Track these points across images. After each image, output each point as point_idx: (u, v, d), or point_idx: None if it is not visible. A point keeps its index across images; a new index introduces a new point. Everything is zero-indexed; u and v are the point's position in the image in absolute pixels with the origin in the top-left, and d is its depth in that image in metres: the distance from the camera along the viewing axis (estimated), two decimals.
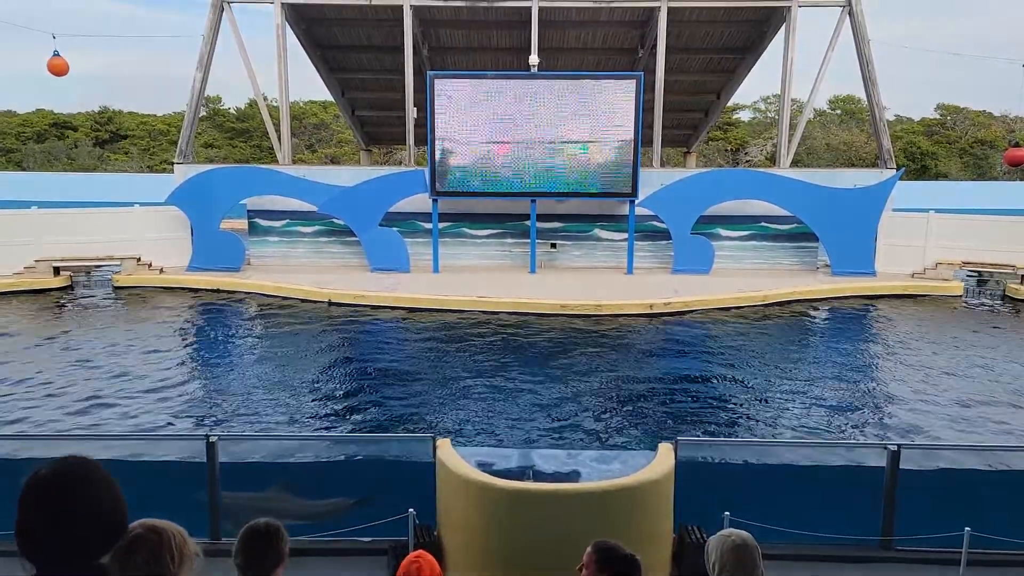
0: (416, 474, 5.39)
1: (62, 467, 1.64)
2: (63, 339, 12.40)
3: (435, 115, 17.09)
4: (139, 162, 56.13)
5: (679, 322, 14.11)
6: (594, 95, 17.06)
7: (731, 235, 18.66)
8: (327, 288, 15.60)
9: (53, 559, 1.60)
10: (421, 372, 10.85)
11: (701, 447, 6.40)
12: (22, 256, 16.63)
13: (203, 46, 18.84)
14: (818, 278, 17.58)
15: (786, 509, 5.00)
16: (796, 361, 11.73)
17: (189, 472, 5.48)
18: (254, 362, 11.51)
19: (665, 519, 4.95)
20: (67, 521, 1.60)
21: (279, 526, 2.55)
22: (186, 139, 19.07)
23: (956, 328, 14.09)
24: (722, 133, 55.17)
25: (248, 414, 8.93)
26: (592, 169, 17.34)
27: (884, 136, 19.02)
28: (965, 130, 57.74)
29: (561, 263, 18.95)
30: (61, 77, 18.11)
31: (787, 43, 19.05)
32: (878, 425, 8.82)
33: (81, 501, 1.62)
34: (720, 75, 24.94)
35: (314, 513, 5.59)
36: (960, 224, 18.27)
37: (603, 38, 23.24)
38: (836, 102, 61.76)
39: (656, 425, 8.79)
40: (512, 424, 8.67)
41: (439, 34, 23.23)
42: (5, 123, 59.25)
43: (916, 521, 5.08)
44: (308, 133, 56.68)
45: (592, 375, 10.63)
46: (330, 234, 18.75)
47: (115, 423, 8.46)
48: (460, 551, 4.85)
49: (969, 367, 11.25)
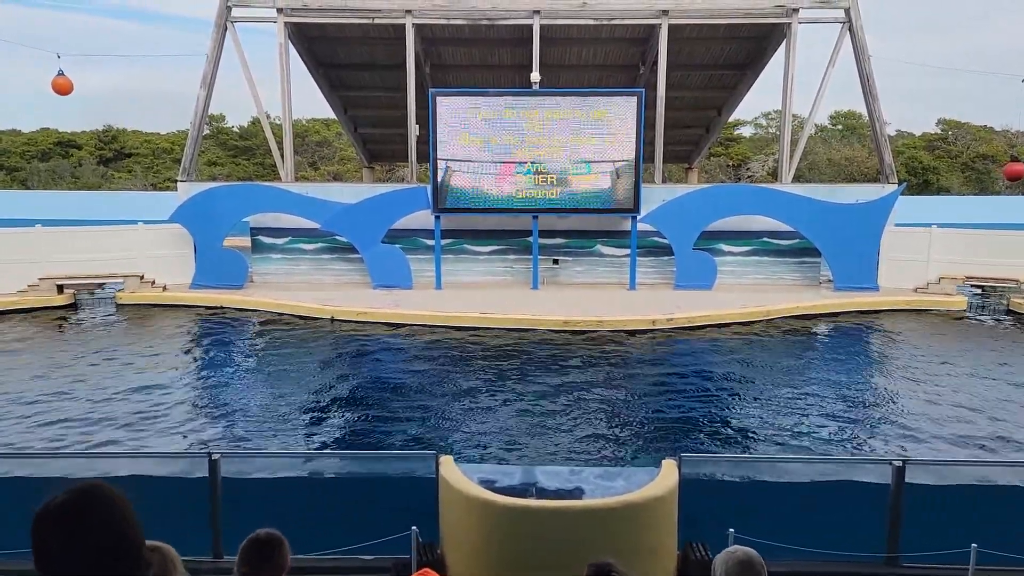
0: (418, 491, 5.36)
1: (83, 490, 1.63)
2: (66, 356, 12.39)
3: (437, 132, 17.16)
4: (143, 180, 56.39)
5: (681, 338, 14.08)
6: (595, 112, 17.13)
7: (733, 251, 18.66)
8: (330, 305, 15.61)
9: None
10: (423, 388, 10.83)
11: (705, 463, 6.36)
12: (26, 274, 16.67)
13: (207, 65, 18.98)
14: (821, 293, 17.56)
15: (791, 525, 4.96)
16: (800, 377, 11.69)
17: (190, 489, 5.46)
18: (256, 379, 11.49)
19: (669, 536, 4.92)
20: (86, 545, 1.58)
21: (279, 537, 2.58)
22: (189, 157, 19.16)
23: (961, 343, 14.04)
24: (724, 149, 55.36)
25: (250, 431, 8.91)
26: (594, 185, 17.37)
27: (886, 151, 19.07)
28: (967, 145, 57.89)
29: (563, 279, 18.96)
30: (65, 96, 18.24)
31: (788, 59, 19.14)
32: (884, 441, 8.78)
33: (101, 525, 1.61)
34: (721, 91, 25.05)
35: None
36: (963, 239, 18.27)
37: (604, 55, 23.38)
38: (837, 117, 62.00)
39: (660, 441, 8.75)
40: (513, 440, 8.64)
41: (441, 52, 23.37)
42: (10, 142, 59.62)
43: (922, 537, 5.04)
44: (311, 151, 56.95)
45: (593, 391, 10.60)
46: (333, 251, 18.79)
47: (115, 441, 8.44)
48: (463, 569, 4.82)
49: (978, 381, 11.20)
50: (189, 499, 5.41)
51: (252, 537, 2.61)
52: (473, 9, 19.15)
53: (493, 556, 4.73)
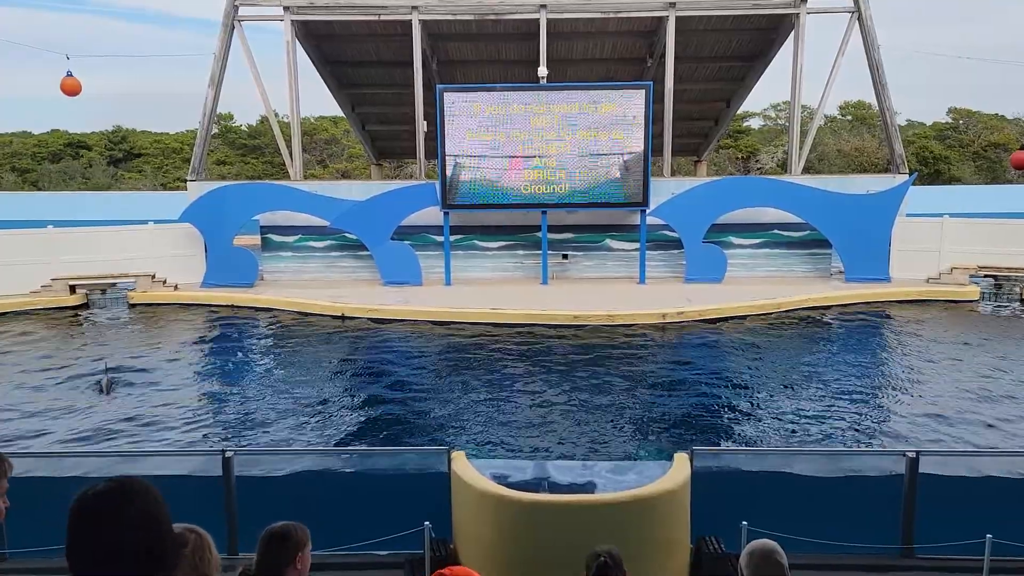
0: (431, 487, 5.38)
1: (121, 482, 1.65)
2: (77, 355, 12.48)
3: (445, 128, 17.16)
4: (153, 180, 56.60)
5: (692, 331, 14.05)
6: (603, 106, 17.08)
7: (743, 243, 18.59)
8: (340, 302, 15.65)
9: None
10: (434, 384, 10.85)
11: (717, 456, 6.35)
12: (39, 275, 16.79)
13: (214, 64, 19.03)
14: (832, 285, 17.47)
15: (805, 518, 4.95)
16: (813, 369, 11.64)
17: (205, 487, 5.49)
18: (267, 377, 11.54)
19: (682, 529, 4.92)
20: (115, 543, 1.59)
21: (290, 529, 2.65)
22: (199, 156, 19.23)
23: (975, 333, 13.94)
24: (732, 141, 55.05)
25: (263, 428, 8.95)
26: (603, 179, 17.34)
27: (896, 141, 18.95)
28: (978, 133, 57.37)
29: (573, 274, 18.93)
30: (74, 97, 18.32)
31: (796, 50, 19.04)
32: (898, 431, 8.73)
33: (140, 516, 1.62)
34: (729, 83, 24.92)
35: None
36: (975, 228, 18.15)
37: (611, 49, 23.29)
38: (847, 108, 61.54)
39: (671, 435, 8.74)
40: (525, 434, 8.65)
41: (448, 48, 23.34)
42: (21, 144, 59.95)
43: (937, 528, 5.02)
44: (319, 148, 57.02)
45: (605, 385, 10.59)
46: (342, 248, 18.83)
47: (132, 439, 8.49)
48: (476, 564, 4.83)
49: (993, 371, 11.13)
50: (203, 496, 5.44)
51: (267, 528, 2.71)
52: (480, 4, 19.12)
53: (505, 551, 4.74)
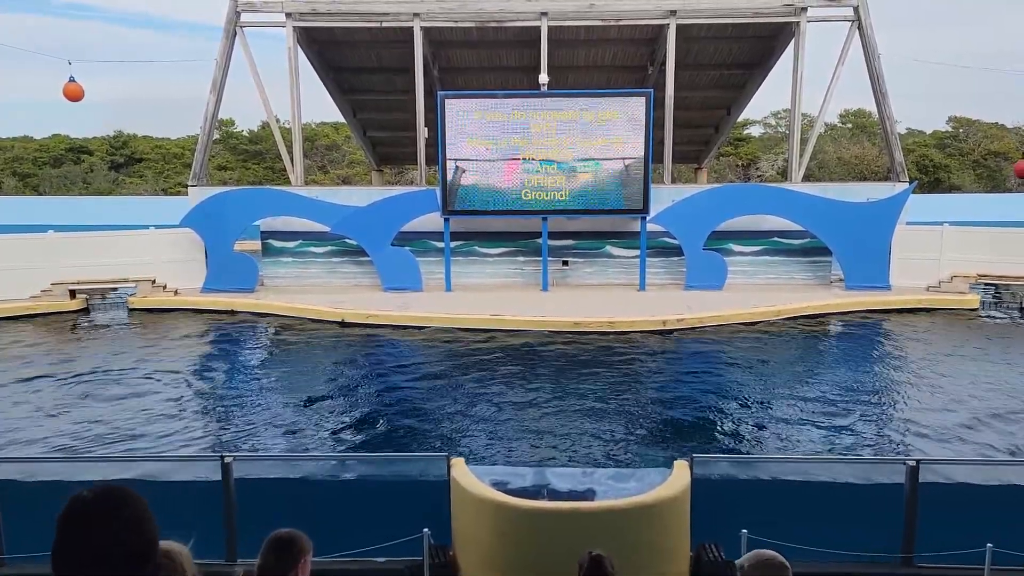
0: (430, 493, 5.37)
1: (110, 488, 1.65)
2: (79, 361, 12.47)
3: (446, 135, 17.18)
4: (154, 185, 56.70)
5: (692, 339, 14.04)
6: (604, 113, 17.11)
7: (744, 250, 18.60)
8: (340, 308, 15.64)
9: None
10: (433, 391, 10.84)
11: (717, 464, 6.34)
12: (39, 280, 16.79)
13: (216, 70, 19.07)
14: (832, 293, 17.47)
15: (805, 526, 4.94)
16: (813, 376, 11.63)
17: (204, 492, 5.48)
18: (268, 382, 11.52)
19: (682, 537, 4.90)
20: (105, 546, 1.59)
21: (295, 535, 2.64)
22: (200, 162, 19.25)
23: (975, 341, 13.94)
24: (733, 148, 55.19)
25: (262, 434, 8.94)
26: (603, 186, 17.36)
27: (896, 149, 18.97)
28: (978, 142, 57.49)
29: (573, 280, 18.94)
30: (76, 102, 18.35)
31: (796, 58, 19.07)
32: (900, 440, 8.72)
33: (129, 523, 1.62)
34: (730, 91, 24.98)
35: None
36: (975, 237, 18.14)
37: (612, 56, 23.35)
38: (847, 116, 61.70)
39: (671, 442, 8.72)
40: (525, 441, 8.64)
41: (449, 54, 23.41)
42: (22, 149, 60.08)
43: (937, 537, 5.01)
44: (320, 154, 57.15)
45: (605, 392, 10.58)
46: (342, 254, 18.83)
47: (130, 444, 8.48)
48: (475, 571, 4.81)
49: (993, 381, 11.12)
50: (202, 501, 5.43)
51: (272, 534, 2.70)
52: (481, 11, 19.18)
53: (505, 558, 4.72)
